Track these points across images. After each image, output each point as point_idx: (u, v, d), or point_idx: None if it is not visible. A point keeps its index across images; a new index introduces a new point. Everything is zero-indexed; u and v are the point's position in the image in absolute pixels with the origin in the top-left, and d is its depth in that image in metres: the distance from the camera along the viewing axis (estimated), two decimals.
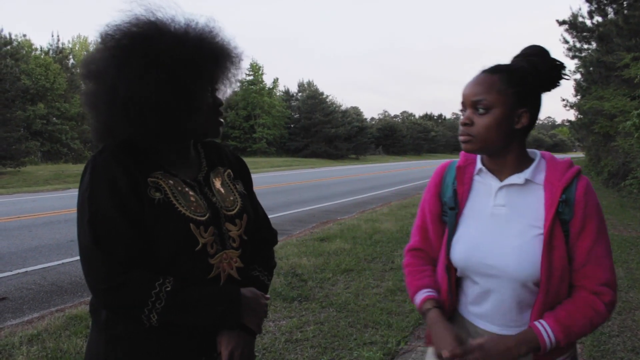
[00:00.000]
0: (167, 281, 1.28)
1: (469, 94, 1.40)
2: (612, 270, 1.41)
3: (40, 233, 8.48)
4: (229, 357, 1.39)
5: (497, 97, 1.36)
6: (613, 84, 16.22)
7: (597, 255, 1.39)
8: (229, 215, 1.46)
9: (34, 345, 3.79)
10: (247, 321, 1.42)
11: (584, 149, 37.68)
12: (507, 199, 1.45)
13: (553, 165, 1.43)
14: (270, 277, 1.62)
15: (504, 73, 1.39)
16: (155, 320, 1.26)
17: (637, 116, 9.58)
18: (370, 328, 4.17)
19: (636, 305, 4.81)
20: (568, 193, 1.38)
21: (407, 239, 6.60)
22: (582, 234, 1.38)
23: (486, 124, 1.37)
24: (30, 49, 36.86)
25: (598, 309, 1.38)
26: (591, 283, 1.39)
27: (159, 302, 1.26)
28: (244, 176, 1.65)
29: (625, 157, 16.23)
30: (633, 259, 6.68)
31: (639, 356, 3.72)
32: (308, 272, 5.79)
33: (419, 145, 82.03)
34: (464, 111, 1.43)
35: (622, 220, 10.18)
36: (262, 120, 57.11)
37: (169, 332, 1.35)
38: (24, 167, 25.19)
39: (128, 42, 1.31)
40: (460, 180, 1.55)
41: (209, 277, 1.38)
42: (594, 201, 1.40)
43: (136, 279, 1.26)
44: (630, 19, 13.52)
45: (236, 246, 1.46)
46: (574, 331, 1.37)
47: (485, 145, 1.41)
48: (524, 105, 1.39)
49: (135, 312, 1.26)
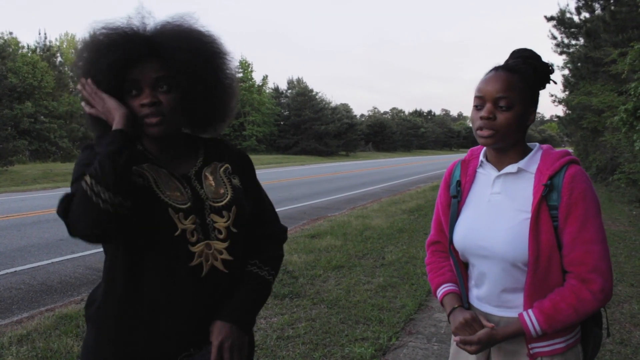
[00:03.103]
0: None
1: (492, 90, 1.47)
2: (603, 257, 1.43)
3: (29, 232, 8.42)
4: (219, 347, 1.42)
5: (518, 96, 1.48)
6: (601, 79, 16.32)
7: (584, 240, 1.43)
8: (216, 206, 1.48)
9: (23, 345, 3.77)
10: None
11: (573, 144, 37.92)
12: (503, 186, 1.55)
13: (547, 156, 1.52)
14: (272, 272, 1.64)
15: (520, 73, 1.49)
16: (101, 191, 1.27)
17: (625, 111, 9.63)
18: (361, 324, 4.18)
19: (624, 299, 4.86)
20: (556, 180, 1.45)
21: (397, 235, 6.66)
22: (568, 219, 1.44)
23: (509, 120, 1.47)
24: (17, 47, 36.41)
25: (583, 297, 1.42)
26: (580, 270, 1.43)
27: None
28: (245, 171, 1.64)
29: (613, 152, 16.37)
30: (621, 253, 6.75)
31: (627, 348, 3.76)
32: (299, 269, 5.79)
33: (408, 142, 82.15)
34: (480, 106, 1.51)
35: (611, 215, 10.27)
36: (251, 117, 56.95)
37: (159, 324, 1.39)
38: (12, 166, 24.90)
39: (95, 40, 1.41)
40: (464, 172, 1.69)
41: (191, 265, 1.41)
42: (581, 187, 1.44)
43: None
44: (617, 15, 13.60)
45: (222, 238, 1.47)
46: (559, 320, 1.43)
47: (505, 139, 1.50)
48: (534, 104, 1.53)
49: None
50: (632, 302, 4.76)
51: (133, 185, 1.34)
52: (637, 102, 9.33)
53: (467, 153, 1.73)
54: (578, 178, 1.45)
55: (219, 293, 1.47)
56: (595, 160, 20.81)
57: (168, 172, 1.48)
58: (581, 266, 1.42)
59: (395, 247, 7.11)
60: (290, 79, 66.01)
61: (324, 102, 62.91)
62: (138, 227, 1.36)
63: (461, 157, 1.75)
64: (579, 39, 20.27)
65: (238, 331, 1.46)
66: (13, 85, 28.91)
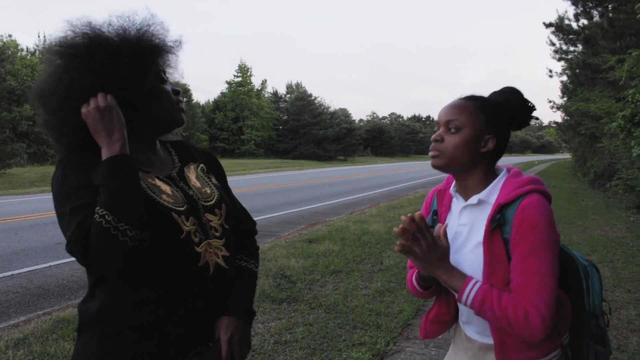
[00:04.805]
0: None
1: (444, 115, 1.51)
2: (540, 291, 1.33)
3: (26, 236, 8.41)
4: (229, 342, 1.45)
5: (468, 119, 1.47)
6: (599, 86, 16.37)
7: (523, 270, 1.35)
8: (208, 205, 1.51)
9: (20, 349, 3.76)
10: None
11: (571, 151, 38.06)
12: (468, 218, 1.54)
13: (508, 185, 1.47)
14: (257, 264, 1.69)
15: (477, 100, 1.51)
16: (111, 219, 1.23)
17: (622, 118, 9.67)
18: (359, 329, 4.18)
19: (622, 305, 4.86)
20: (509, 212, 1.41)
21: (395, 240, 6.63)
22: (514, 250, 1.38)
23: (455, 142, 1.47)
24: (16, 50, 36.45)
25: (520, 322, 1.33)
26: (521, 299, 1.35)
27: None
28: (216, 170, 1.70)
29: (611, 159, 16.40)
30: (619, 259, 6.76)
31: (624, 354, 3.76)
32: (297, 274, 5.79)
33: (407, 147, 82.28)
34: (436, 130, 1.54)
35: (608, 221, 10.29)
36: (250, 121, 57.05)
37: (166, 322, 1.38)
38: (9, 169, 24.89)
39: (81, 46, 1.38)
40: (439, 201, 1.69)
41: (199, 266, 1.43)
42: (531, 219, 1.36)
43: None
44: (615, 22, 13.66)
45: (219, 235, 1.50)
46: (489, 318, 1.38)
47: (452, 162, 1.49)
48: (492, 131, 1.49)
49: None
50: (629, 308, 4.77)
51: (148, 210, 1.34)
52: (635, 108, 9.36)
53: (444, 182, 1.70)
54: (530, 209, 1.37)
55: (223, 289, 1.50)
56: (593, 166, 20.88)
57: (155, 175, 1.47)
58: (521, 296, 1.35)
59: (393, 252, 7.09)
60: (289, 83, 66.21)
61: (322, 106, 63.07)
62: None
63: (439, 186, 1.72)
64: (577, 46, 20.36)
65: (243, 324, 1.52)
66: (12, 88, 28.91)
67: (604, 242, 7.88)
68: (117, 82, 1.37)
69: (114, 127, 1.34)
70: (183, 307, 1.39)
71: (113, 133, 1.33)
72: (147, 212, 1.32)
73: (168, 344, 1.38)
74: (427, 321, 1.73)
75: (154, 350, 1.37)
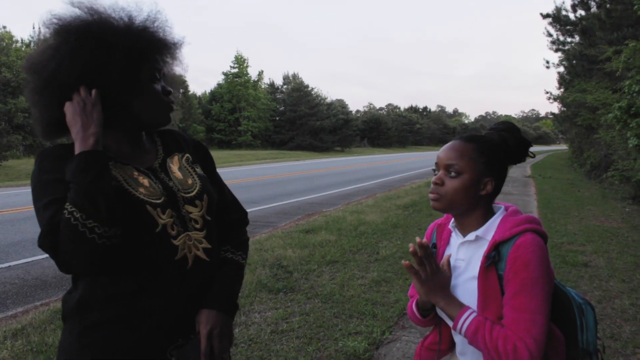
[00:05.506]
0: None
1: (444, 157, 1.53)
2: (529, 328, 1.35)
3: (23, 227, 8.41)
4: (208, 336, 1.43)
5: (468, 163, 1.50)
6: (595, 77, 16.41)
7: (513, 307, 1.37)
8: (188, 197, 1.48)
9: (18, 340, 3.78)
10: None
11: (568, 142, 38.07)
12: (465, 253, 1.57)
13: (505, 223, 1.50)
14: (244, 256, 1.66)
15: (477, 143, 1.53)
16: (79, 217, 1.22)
17: (619, 109, 9.68)
18: (355, 318, 4.21)
19: (616, 294, 4.90)
20: (504, 249, 1.44)
21: (392, 231, 6.68)
22: (507, 286, 1.41)
23: (455, 187, 1.50)
24: (10, 41, 36.19)
25: (508, 350, 1.35)
26: (511, 334, 1.37)
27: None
28: (204, 159, 1.67)
29: (608, 149, 16.44)
30: (614, 249, 6.80)
31: (617, 343, 3.80)
32: (293, 264, 5.81)
33: (404, 138, 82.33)
34: (437, 171, 1.56)
35: (604, 211, 10.34)
36: (247, 113, 56.92)
37: (143, 315, 1.37)
38: (5, 161, 24.84)
39: (80, 26, 1.35)
40: (439, 235, 1.71)
41: (176, 259, 1.40)
42: (525, 257, 1.39)
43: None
44: (612, 13, 13.67)
45: (199, 227, 1.48)
46: (482, 345, 1.41)
47: (451, 205, 1.53)
48: (491, 174, 1.52)
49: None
50: (623, 297, 4.81)
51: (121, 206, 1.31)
52: (631, 99, 9.38)
53: (443, 216, 1.74)
54: (524, 248, 1.40)
55: (204, 282, 1.48)
56: (589, 157, 20.92)
57: (133, 167, 1.45)
58: (511, 331, 1.37)
59: (390, 242, 7.14)
60: (285, 75, 66.04)
61: (319, 97, 62.98)
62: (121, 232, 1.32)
63: (439, 221, 1.75)
64: (574, 37, 20.36)
65: (224, 317, 1.48)
66: (7, 80, 28.76)
67: (600, 233, 7.92)
68: (110, 68, 1.35)
69: (90, 123, 1.32)
70: (160, 300, 1.39)
71: (89, 127, 1.31)
72: (121, 205, 1.31)
73: (146, 336, 1.38)
74: (422, 347, 1.77)
75: (132, 342, 1.37)
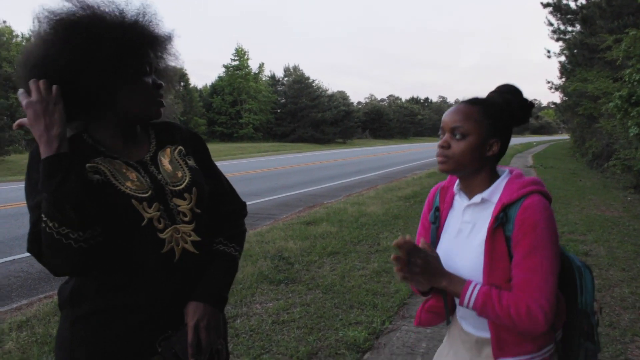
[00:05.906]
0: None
1: (449, 121, 1.55)
2: (541, 288, 1.39)
3: (26, 221, 8.34)
4: (195, 328, 1.43)
5: (473, 125, 1.51)
6: (596, 66, 16.33)
7: (525, 268, 1.41)
8: (176, 190, 1.48)
9: (23, 331, 3.83)
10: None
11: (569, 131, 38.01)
12: (472, 216, 1.59)
13: (510, 185, 1.53)
14: (238, 247, 1.65)
15: (482, 105, 1.54)
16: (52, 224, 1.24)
17: (619, 98, 9.66)
18: (355, 309, 4.25)
19: (615, 283, 4.93)
20: (512, 211, 1.46)
21: (393, 222, 6.71)
22: (516, 248, 1.44)
23: (462, 149, 1.51)
24: (11, 36, 36.17)
25: (523, 317, 1.39)
26: (523, 295, 1.41)
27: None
28: (198, 151, 1.65)
29: (609, 139, 16.40)
30: (614, 238, 6.82)
31: (616, 331, 3.83)
32: (294, 255, 5.85)
33: (405, 129, 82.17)
34: (442, 135, 1.57)
35: (605, 201, 10.35)
36: (248, 105, 56.82)
37: (131, 307, 1.40)
38: (8, 155, 24.89)
39: (70, 19, 1.35)
40: (442, 199, 1.72)
41: (163, 252, 1.41)
42: (533, 219, 1.42)
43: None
44: (613, 1, 13.60)
45: (188, 220, 1.48)
46: (493, 316, 1.43)
47: (458, 167, 1.54)
48: (496, 135, 1.54)
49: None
50: (622, 286, 4.83)
51: (96, 204, 1.31)
52: (632, 88, 9.36)
53: (447, 179, 1.75)
54: (532, 209, 1.43)
55: (192, 275, 1.49)
56: (591, 146, 20.88)
57: (122, 161, 1.45)
58: (522, 293, 1.41)
59: (391, 233, 7.17)
60: (286, 67, 65.87)
61: (320, 89, 62.80)
62: (106, 226, 1.33)
63: (441, 184, 1.76)
64: (575, 25, 20.27)
65: (212, 310, 1.48)
66: (8, 75, 28.74)
67: (601, 222, 7.94)
68: (97, 58, 1.34)
69: (54, 123, 1.27)
70: (148, 293, 1.40)
71: (52, 128, 1.26)
72: (104, 201, 1.33)
73: (134, 328, 1.40)
74: (422, 310, 1.77)
75: (121, 334, 1.39)
